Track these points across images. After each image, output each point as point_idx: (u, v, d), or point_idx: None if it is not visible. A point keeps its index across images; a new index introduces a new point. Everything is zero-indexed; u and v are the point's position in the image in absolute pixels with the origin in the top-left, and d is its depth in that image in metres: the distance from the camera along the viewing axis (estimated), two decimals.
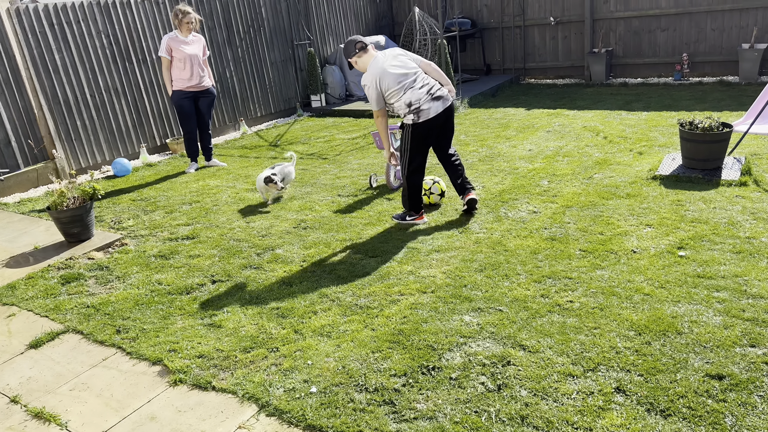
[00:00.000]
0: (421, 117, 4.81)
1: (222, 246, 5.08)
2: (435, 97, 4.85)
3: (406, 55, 4.98)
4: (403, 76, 4.81)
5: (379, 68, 4.81)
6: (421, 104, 4.79)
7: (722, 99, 8.82)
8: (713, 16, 10.10)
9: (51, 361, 3.58)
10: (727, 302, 3.52)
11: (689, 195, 5.22)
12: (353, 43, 4.93)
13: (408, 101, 4.80)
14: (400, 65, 4.86)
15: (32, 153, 7.27)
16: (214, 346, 3.57)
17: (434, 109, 4.82)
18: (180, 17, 6.99)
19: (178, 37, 7.03)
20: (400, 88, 4.79)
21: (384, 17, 13.01)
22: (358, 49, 4.92)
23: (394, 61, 4.86)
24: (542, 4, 11.52)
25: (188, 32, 7.07)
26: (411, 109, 4.81)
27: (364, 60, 4.94)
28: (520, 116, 8.97)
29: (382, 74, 4.80)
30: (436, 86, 4.92)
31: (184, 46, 7.02)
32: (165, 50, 6.99)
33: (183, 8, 7.02)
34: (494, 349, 3.29)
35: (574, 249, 4.41)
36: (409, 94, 4.79)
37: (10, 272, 4.86)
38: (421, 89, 4.82)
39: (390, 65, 4.82)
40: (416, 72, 4.89)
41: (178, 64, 7.03)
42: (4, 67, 6.92)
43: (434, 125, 4.88)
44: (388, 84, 4.79)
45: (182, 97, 7.15)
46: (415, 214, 5.15)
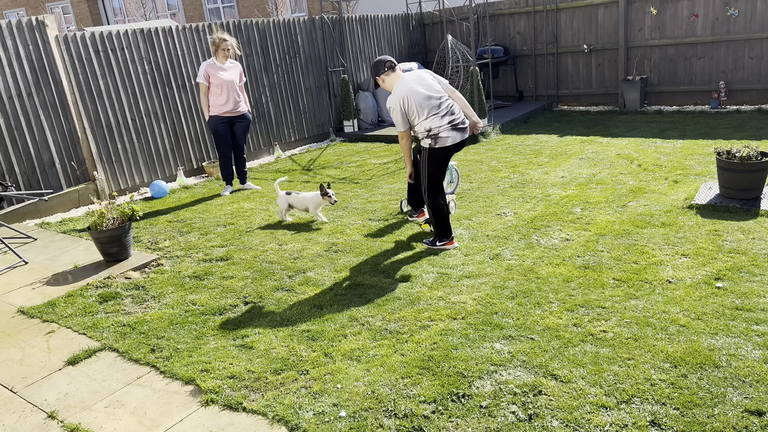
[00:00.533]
0: (438, 143, 4.90)
1: (255, 268, 5.15)
2: (455, 127, 4.92)
3: (434, 78, 5.04)
4: (428, 99, 4.87)
5: (406, 89, 4.87)
6: (440, 132, 4.87)
7: (761, 128, 8.66)
8: (751, 45, 9.98)
9: (87, 378, 3.66)
10: (767, 336, 3.43)
11: (727, 225, 5.12)
12: (382, 62, 5.02)
13: (428, 127, 4.87)
14: (426, 88, 4.90)
15: (74, 174, 7.51)
16: (245, 367, 3.61)
17: (452, 139, 4.91)
18: (217, 44, 7.21)
19: (216, 64, 7.24)
20: (424, 111, 4.85)
21: (417, 44, 13.18)
22: (387, 68, 5.00)
23: (420, 83, 4.92)
24: (575, 31, 11.54)
25: (225, 59, 7.28)
26: (430, 134, 4.89)
27: (392, 79, 5.02)
28: (553, 143, 8.94)
29: (407, 95, 4.85)
30: (459, 118, 4.97)
31: (221, 72, 7.22)
32: (203, 76, 7.21)
33: (220, 35, 7.24)
34: (525, 378, 3.26)
35: (608, 278, 4.35)
36: (430, 121, 4.86)
37: (50, 290, 5.00)
38: (443, 118, 4.88)
39: (416, 87, 4.88)
40: (441, 97, 4.93)
41: (215, 90, 7.24)
42: (52, 92, 7.20)
43: (449, 150, 4.97)
44: (413, 106, 4.85)
45: (218, 122, 7.34)
46: (445, 239, 5.17)
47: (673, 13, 10.48)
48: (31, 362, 3.91)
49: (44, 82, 7.13)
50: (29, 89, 7.01)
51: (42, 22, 7.07)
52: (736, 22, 10.00)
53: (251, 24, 9.49)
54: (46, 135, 7.20)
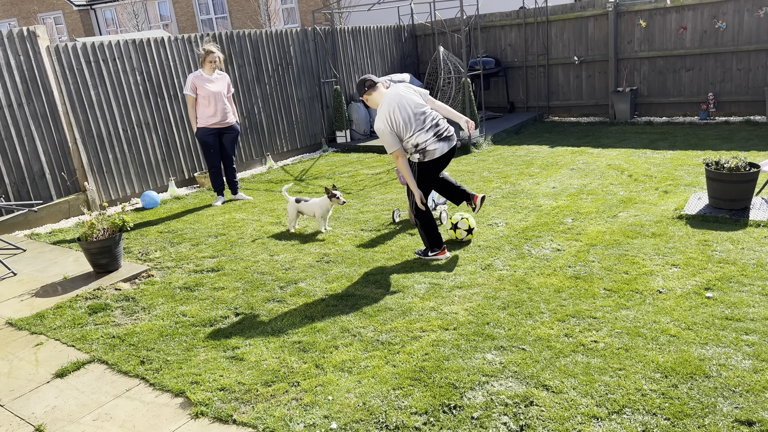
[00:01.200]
0: (427, 157, 4.98)
1: (246, 279, 5.13)
2: (440, 137, 4.98)
3: (415, 92, 5.07)
4: (412, 116, 4.91)
5: (389, 109, 4.88)
6: (427, 146, 4.94)
7: (749, 139, 8.74)
8: (739, 57, 10.09)
9: (76, 391, 3.63)
10: (756, 345, 3.44)
11: (716, 235, 5.15)
12: (363, 82, 5.04)
13: (416, 142, 4.95)
14: (409, 104, 4.93)
15: (65, 185, 7.48)
16: (236, 378, 3.58)
17: (440, 150, 4.98)
18: (204, 56, 7.23)
19: (203, 75, 7.25)
20: (410, 127, 4.90)
21: (409, 56, 13.24)
22: (367, 87, 5.02)
23: (402, 99, 4.93)
24: (566, 43, 11.64)
25: (212, 71, 7.29)
26: (417, 149, 4.97)
27: (375, 97, 5.04)
28: (544, 154, 8.99)
29: (393, 114, 4.88)
30: (443, 127, 5.03)
31: (208, 84, 7.23)
32: (190, 88, 7.22)
33: (207, 47, 7.26)
34: (517, 388, 3.25)
35: (599, 288, 4.37)
36: (417, 137, 4.93)
37: (39, 301, 4.96)
38: (428, 132, 4.94)
39: (398, 105, 4.89)
40: (425, 111, 4.99)
41: (202, 102, 7.24)
42: (42, 103, 7.18)
43: (439, 162, 5.04)
44: (400, 123, 4.89)
45: (207, 133, 7.35)
46: (437, 249, 5.17)
47: (661, 26, 10.60)
48: (18, 375, 3.86)
49: (35, 93, 7.11)
50: (20, 99, 6.99)
51: (33, 32, 7.06)
52: (723, 34, 10.12)
53: (244, 35, 9.51)
54: (37, 145, 7.17)
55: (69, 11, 28.09)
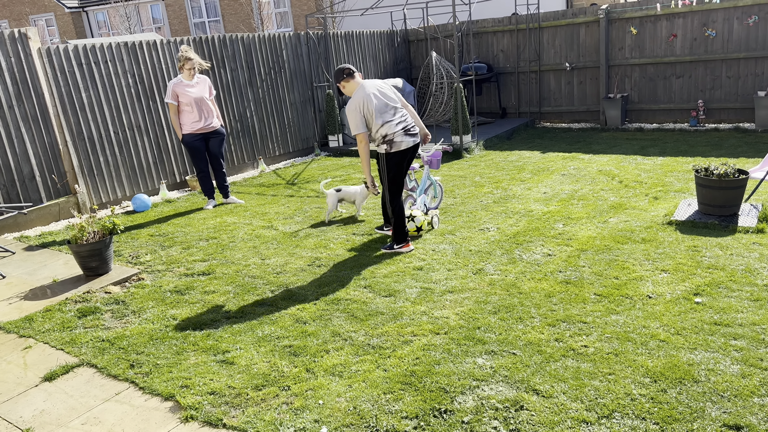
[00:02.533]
0: (394, 148, 5.30)
1: (237, 282, 5.12)
2: (407, 131, 5.36)
3: (390, 90, 5.40)
4: (384, 107, 5.27)
5: (364, 95, 5.22)
6: (395, 137, 5.29)
7: (738, 146, 8.82)
8: (728, 64, 10.19)
9: (64, 395, 3.60)
10: (744, 351, 3.47)
11: (705, 241, 5.19)
12: (341, 70, 5.31)
13: (384, 133, 5.27)
14: (382, 96, 5.30)
15: (55, 188, 7.43)
16: (226, 383, 3.57)
17: (405, 144, 5.33)
18: (183, 62, 7.19)
19: (183, 81, 7.21)
20: (380, 117, 5.24)
21: (402, 61, 13.28)
22: (345, 74, 5.30)
23: (378, 90, 5.30)
24: (558, 50, 11.71)
25: (191, 76, 7.26)
26: (385, 140, 5.29)
27: (351, 85, 5.33)
28: (535, 159, 9.03)
29: (364, 101, 5.21)
30: (410, 124, 5.42)
31: (189, 89, 7.20)
32: (171, 96, 7.18)
33: (185, 54, 7.21)
34: (507, 393, 3.26)
35: (589, 293, 4.39)
36: (386, 128, 5.26)
37: (28, 304, 4.92)
38: (397, 125, 5.30)
39: (373, 93, 5.25)
40: (396, 106, 5.36)
41: (185, 108, 7.22)
42: (33, 105, 7.15)
43: (404, 156, 5.36)
44: (371, 110, 5.21)
45: (193, 138, 7.34)
46: (403, 242, 5.50)
47: (652, 33, 10.69)
48: (6, 378, 3.83)
49: (26, 95, 7.07)
50: (10, 101, 6.95)
51: (24, 34, 7.03)
52: (713, 42, 10.22)
53: (237, 38, 9.51)
54: (27, 147, 7.13)
55: (61, 13, 27.98)
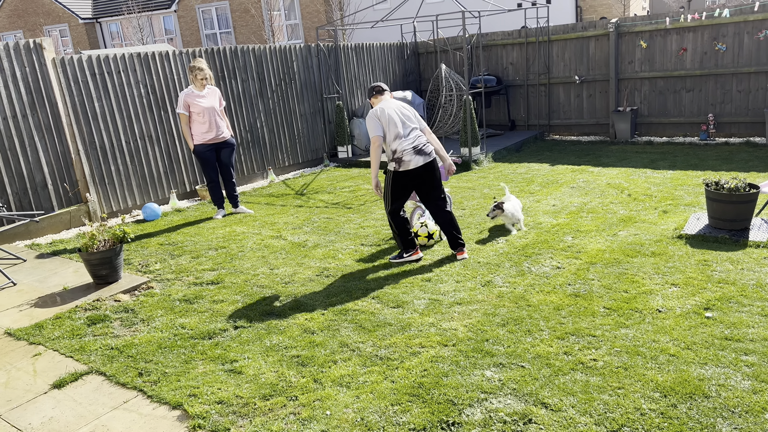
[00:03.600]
0: (401, 167, 5.29)
1: (245, 292, 5.13)
2: (418, 151, 5.30)
3: (413, 115, 5.48)
4: (401, 124, 5.33)
5: (383, 107, 5.38)
6: (404, 156, 5.27)
7: (749, 160, 8.78)
8: (739, 78, 10.17)
9: (73, 402, 3.62)
10: (756, 366, 3.44)
11: (716, 255, 5.16)
12: (373, 88, 5.61)
13: (394, 149, 5.30)
14: (402, 115, 5.38)
15: (66, 196, 7.50)
16: (233, 392, 3.57)
17: (414, 162, 5.28)
18: (195, 73, 7.30)
19: (194, 92, 7.31)
20: (393, 131, 5.29)
21: (411, 73, 13.34)
22: (375, 92, 5.58)
23: (399, 109, 5.41)
24: (567, 63, 11.73)
25: (202, 87, 7.36)
26: (394, 157, 5.31)
27: (377, 101, 5.56)
28: (544, 171, 9.02)
29: (383, 111, 5.35)
30: (423, 144, 5.37)
31: (199, 99, 7.29)
32: (182, 106, 7.27)
33: (197, 65, 7.33)
34: (515, 406, 3.25)
35: (598, 306, 4.37)
36: (397, 143, 5.29)
37: (38, 312, 4.96)
38: (409, 144, 5.29)
39: (394, 110, 5.37)
40: (414, 128, 5.39)
41: (197, 118, 7.30)
42: (47, 114, 7.23)
43: (413, 176, 5.33)
44: (387, 123, 5.30)
45: (204, 149, 7.41)
46: (411, 250, 5.52)
47: (662, 47, 10.69)
48: (16, 385, 3.85)
49: (39, 104, 7.16)
50: (24, 111, 7.04)
51: (39, 44, 7.13)
52: (724, 56, 10.20)
53: (248, 50, 9.59)
54: (40, 156, 7.20)
55: (74, 24, 28.36)
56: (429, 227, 5.88)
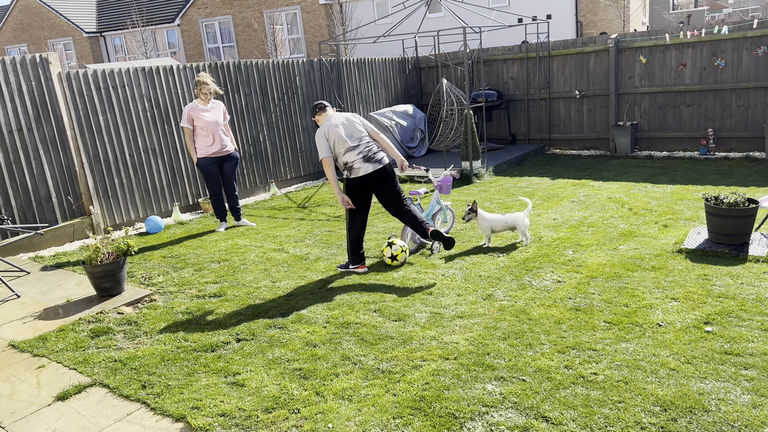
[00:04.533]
0: (353, 174, 5.56)
1: (248, 305, 5.16)
2: (367, 158, 5.54)
3: (360, 122, 5.68)
4: (348, 137, 5.56)
5: (327, 126, 5.58)
6: (354, 164, 5.54)
7: (749, 174, 8.83)
8: (738, 94, 10.25)
9: (77, 414, 3.64)
10: (755, 381, 3.46)
11: (716, 270, 5.19)
12: (314, 106, 5.80)
13: (344, 161, 5.57)
14: (347, 127, 5.59)
15: (70, 209, 7.55)
16: (236, 405, 3.59)
17: (364, 169, 5.53)
18: (200, 87, 7.39)
19: (198, 106, 7.39)
20: (341, 146, 5.53)
21: (413, 87, 13.45)
22: (317, 109, 5.76)
23: (342, 123, 5.61)
24: (567, 78, 11.83)
25: (207, 101, 7.43)
26: (346, 167, 5.60)
27: (321, 117, 5.75)
28: (545, 185, 9.07)
29: (329, 130, 5.56)
30: (373, 152, 5.60)
31: (204, 113, 7.37)
32: (187, 120, 7.35)
33: (202, 79, 7.40)
34: (517, 419, 3.26)
35: (599, 320, 4.39)
36: (346, 156, 5.55)
37: (42, 324, 4.99)
38: (358, 154, 5.53)
39: (338, 124, 5.58)
40: (362, 137, 5.61)
41: (201, 132, 7.37)
42: (52, 127, 7.30)
43: (365, 182, 5.57)
44: (334, 140, 5.54)
45: (208, 162, 7.48)
46: (357, 264, 5.78)
47: (661, 62, 10.78)
48: (20, 397, 3.88)
49: (45, 118, 7.24)
50: (29, 124, 7.11)
51: (45, 59, 7.22)
52: (723, 71, 10.29)
53: (251, 64, 9.69)
54: (44, 169, 7.27)
55: (79, 38, 28.60)
56: (393, 249, 5.85)
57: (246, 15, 24.51)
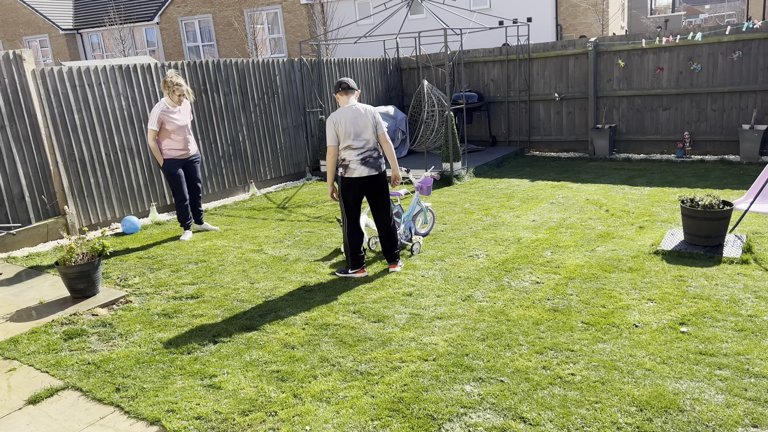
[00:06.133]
0: (347, 173, 5.47)
1: (225, 306, 5.10)
2: (365, 162, 5.44)
3: (373, 124, 5.44)
4: (355, 135, 5.39)
5: (342, 114, 5.38)
6: (350, 164, 5.44)
7: (724, 177, 8.97)
8: (713, 98, 10.41)
9: (48, 418, 3.56)
10: (729, 381, 3.50)
11: (691, 271, 5.25)
12: (339, 83, 5.49)
13: (343, 157, 5.46)
14: (359, 125, 5.39)
15: (44, 208, 7.41)
16: (212, 407, 3.55)
17: (359, 172, 5.44)
18: (172, 88, 7.05)
19: (169, 108, 7.06)
20: (346, 140, 5.38)
21: (394, 88, 13.45)
22: (341, 88, 5.49)
23: (358, 117, 5.39)
24: (547, 80, 11.91)
25: (179, 102, 7.17)
26: (342, 163, 5.50)
27: (343, 100, 5.50)
28: (525, 187, 9.13)
29: (340, 119, 5.38)
30: (373, 156, 5.48)
31: (175, 116, 7.08)
32: (156, 123, 6.98)
33: (175, 80, 7.07)
34: (495, 420, 3.27)
35: (577, 321, 4.42)
36: (347, 153, 5.43)
37: (13, 326, 4.88)
38: (358, 154, 5.42)
39: (352, 120, 5.37)
40: (368, 139, 5.44)
41: (171, 135, 7.08)
42: (25, 125, 7.16)
43: (359, 183, 5.48)
44: (340, 131, 5.38)
45: (175, 164, 7.18)
46: (357, 268, 5.63)
47: (639, 66, 10.91)
48: None
49: (18, 115, 7.09)
50: (2, 122, 6.96)
51: (19, 56, 7.08)
52: (699, 76, 10.44)
53: (231, 63, 9.61)
54: (17, 168, 7.12)
55: (55, 35, 28.15)
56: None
57: (226, 14, 24.33)
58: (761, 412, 3.18)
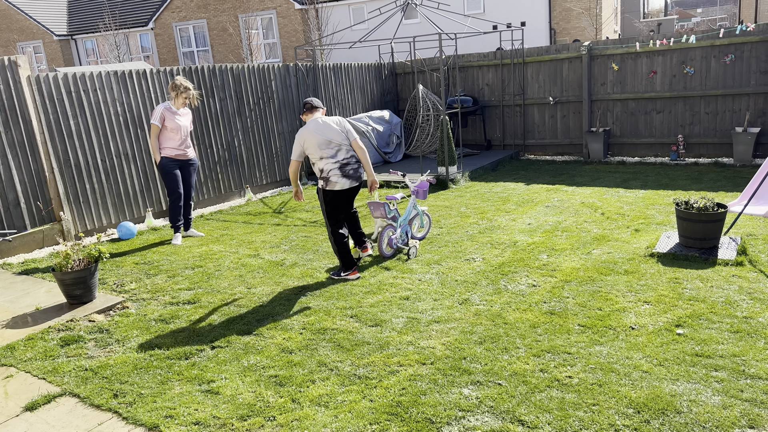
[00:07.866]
0: (329, 186, 5.51)
1: (222, 311, 5.10)
2: (346, 174, 5.52)
3: (342, 130, 5.54)
4: (325, 144, 5.46)
5: (308, 130, 5.48)
6: (330, 176, 5.49)
7: (718, 180, 9.02)
8: (707, 101, 10.48)
9: (46, 425, 3.55)
10: (725, 382, 3.53)
11: (686, 273, 5.28)
12: (306, 103, 5.68)
13: (321, 168, 5.51)
14: (326, 134, 5.46)
15: (40, 214, 7.40)
16: (211, 413, 3.55)
17: (341, 185, 5.52)
18: (179, 91, 7.16)
19: (172, 108, 7.20)
20: (317, 152, 5.46)
21: (389, 93, 13.48)
22: (305, 108, 5.65)
23: (323, 128, 5.48)
24: (541, 84, 11.97)
25: (183, 106, 7.29)
26: (321, 176, 5.53)
27: (308, 118, 5.64)
28: (520, 191, 9.16)
29: (307, 135, 5.47)
30: (352, 167, 5.57)
31: (177, 117, 7.21)
32: (159, 119, 7.09)
33: (185, 83, 7.19)
34: (493, 423, 3.28)
35: (573, 324, 4.44)
36: (323, 163, 5.48)
37: (10, 333, 4.87)
38: (335, 163, 5.48)
39: (317, 131, 5.46)
40: (340, 145, 5.50)
41: (170, 135, 7.16)
42: (21, 131, 7.15)
43: (340, 196, 5.58)
44: (309, 147, 5.47)
45: (170, 162, 7.26)
46: (349, 270, 5.69)
47: (633, 70, 10.98)
48: None
49: (13, 122, 7.08)
50: None
51: (15, 62, 7.07)
52: (692, 79, 10.51)
53: (226, 69, 9.62)
54: (13, 174, 7.11)
55: (49, 41, 28.11)
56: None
57: (221, 19, 24.35)
58: (757, 413, 3.20)
